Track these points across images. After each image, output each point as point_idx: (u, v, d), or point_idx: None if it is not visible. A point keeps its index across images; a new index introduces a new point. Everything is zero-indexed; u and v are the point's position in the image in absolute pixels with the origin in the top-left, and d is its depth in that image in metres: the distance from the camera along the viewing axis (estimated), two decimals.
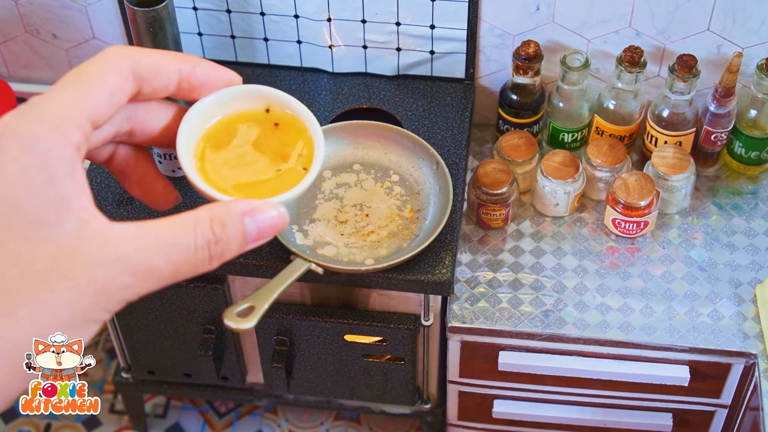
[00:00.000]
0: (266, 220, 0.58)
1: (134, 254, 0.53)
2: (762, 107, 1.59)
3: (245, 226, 0.57)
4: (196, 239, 0.55)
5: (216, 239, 0.56)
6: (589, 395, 1.64)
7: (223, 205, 0.57)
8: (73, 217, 0.52)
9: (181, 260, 0.55)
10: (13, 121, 0.52)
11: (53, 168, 0.52)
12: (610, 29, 1.62)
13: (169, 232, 0.55)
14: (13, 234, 0.51)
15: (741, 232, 1.63)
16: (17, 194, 0.51)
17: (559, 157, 1.60)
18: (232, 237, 0.56)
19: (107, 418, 2.12)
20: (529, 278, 1.58)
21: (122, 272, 0.53)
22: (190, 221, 0.55)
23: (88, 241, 0.52)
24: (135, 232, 0.54)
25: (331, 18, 1.65)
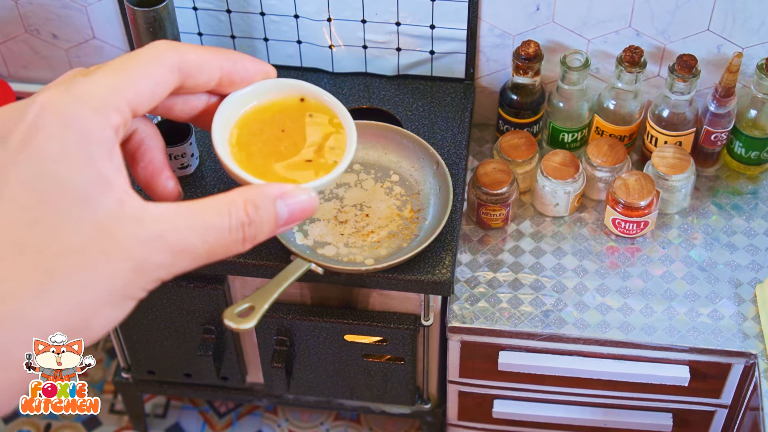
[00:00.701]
0: (297, 203, 0.59)
1: (171, 233, 0.54)
2: (762, 107, 1.59)
3: (277, 209, 0.58)
4: (230, 220, 0.56)
5: (249, 221, 0.57)
6: (589, 395, 1.64)
7: (256, 188, 0.59)
8: (111, 196, 0.53)
9: (216, 241, 0.56)
10: (55, 100, 0.53)
11: (93, 147, 0.53)
12: (610, 29, 1.62)
13: (204, 212, 0.56)
14: (52, 210, 0.51)
15: (741, 232, 1.63)
16: (57, 171, 0.52)
17: (559, 157, 1.60)
18: (265, 219, 0.58)
19: (107, 418, 2.12)
20: (529, 278, 1.58)
21: (159, 251, 0.54)
22: (224, 203, 0.57)
23: (126, 219, 0.53)
24: (171, 212, 0.55)
25: (331, 18, 1.65)
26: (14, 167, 0.52)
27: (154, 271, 0.54)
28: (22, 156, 0.52)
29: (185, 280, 1.58)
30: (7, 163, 0.52)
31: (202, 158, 1.62)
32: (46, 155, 0.52)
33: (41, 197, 0.51)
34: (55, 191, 0.52)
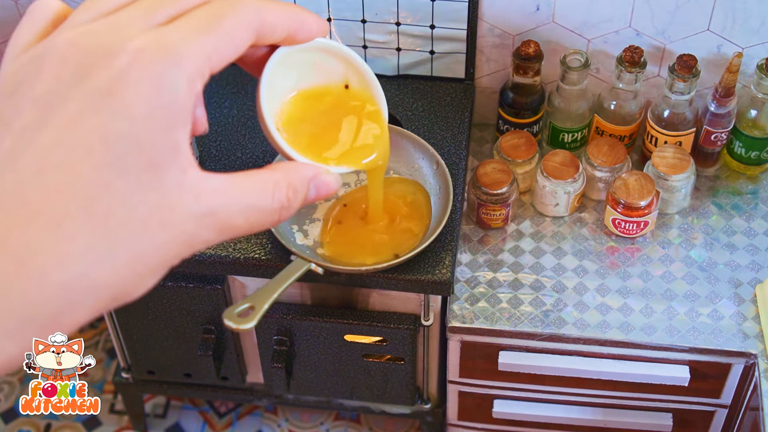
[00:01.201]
0: (323, 185, 0.61)
1: (222, 211, 0.54)
2: (762, 107, 1.59)
3: (309, 191, 0.60)
4: (273, 203, 0.57)
5: (288, 204, 0.58)
6: (589, 395, 1.64)
7: (297, 171, 0.60)
8: (178, 164, 0.52)
9: (257, 220, 0.56)
10: (149, 54, 0.52)
11: (176, 115, 0.52)
12: (610, 29, 1.62)
13: (254, 192, 0.56)
14: (126, 174, 0.50)
15: (741, 232, 1.63)
16: (139, 135, 0.51)
17: (559, 157, 1.60)
18: (299, 201, 0.59)
19: (107, 418, 2.12)
20: (529, 278, 1.58)
21: (208, 227, 0.54)
22: (270, 183, 0.57)
23: (187, 191, 0.53)
24: (225, 188, 0.55)
25: (331, 18, 1.65)
26: (95, 115, 0.50)
27: (198, 245, 0.54)
28: (105, 106, 0.50)
29: (185, 280, 1.58)
30: (87, 107, 0.50)
31: (202, 158, 1.62)
32: (132, 115, 0.50)
33: (118, 159, 0.50)
34: (132, 155, 0.50)
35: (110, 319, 1.70)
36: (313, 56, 0.69)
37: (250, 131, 1.66)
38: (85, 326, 2.25)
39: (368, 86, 0.73)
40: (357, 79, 0.72)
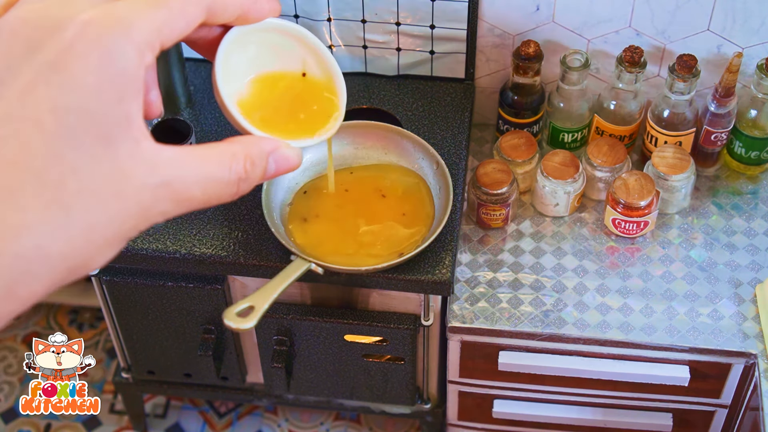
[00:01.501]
0: (283, 159, 0.62)
1: (177, 182, 0.54)
2: (762, 107, 1.59)
3: (267, 164, 0.60)
4: (230, 174, 0.57)
5: (246, 176, 0.58)
6: (589, 395, 1.64)
7: (255, 144, 0.60)
8: (131, 136, 0.53)
9: (215, 192, 0.57)
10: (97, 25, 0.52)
11: (126, 87, 0.52)
12: (610, 29, 1.62)
13: (210, 163, 0.56)
14: (77, 145, 0.51)
15: (741, 232, 1.63)
16: (89, 107, 0.51)
17: (559, 157, 1.60)
18: (257, 174, 0.59)
19: (107, 418, 2.12)
20: (529, 278, 1.58)
21: (164, 198, 0.54)
22: (227, 155, 0.58)
23: (141, 162, 0.53)
24: (181, 159, 0.55)
25: (331, 18, 1.65)
26: (45, 88, 0.51)
27: (155, 216, 0.54)
28: (55, 78, 0.51)
29: (185, 280, 1.58)
30: (36, 79, 0.51)
31: None
32: (81, 86, 0.51)
33: (68, 130, 0.50)
34: (83, 127, 0.51)
35: (110, 319, 1.70)
36: (272, 37, 0.69)
37: None
38: (85, 326, 2.25)
39: (329, 74, 0.73)
40: (317, 65, 0.72)
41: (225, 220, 1.54)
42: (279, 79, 0.71)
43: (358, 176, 1.56)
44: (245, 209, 1.56)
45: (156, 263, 1.53)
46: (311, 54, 0.71)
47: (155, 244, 1.52)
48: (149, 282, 1.59)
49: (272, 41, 0.70)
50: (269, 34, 0.69)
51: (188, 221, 1.54)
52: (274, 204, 1.52)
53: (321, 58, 0.72)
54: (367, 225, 1.50)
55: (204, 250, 1.51)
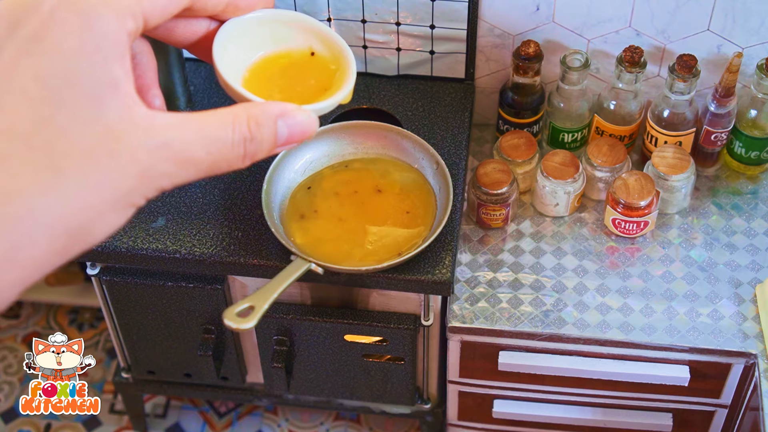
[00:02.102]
0: (297, 124, 0.60)
1: (177, 142, 0.54)
2: (762, 107, 1.59)
3: (278, 128, 0.59)
4: (234, 134, 0.56)
5: (251, 137, 0.57)
6: (589, 395, 1.64)
7: (259, 106, 0.59)
8: (120, 100, 0.53)
9: (220, 153, 0.56)
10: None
11: (108, 49, 0.53)
12: (610, 29, 1.62)
13: (210, 124, 0.56)
14: (64, 108, 0.51)
15: (741, 232, 1.63)
16: (72, 69, 0.51)
17: (559, 157, 1.60)
18: (266, 137, 0.58)
19: (107, 418, 2.12)
20: (529, 278, 1.58)
21: (165, 159, 0.54)
22: (229, 116, 0.57)
23: (134, 125, 0.53)
24: (178, 122, 0.55)
25: (331, 18, 1.65)
26: (28, 58, 0.51)
27: (158, 179, 0.54)
28: (36, 48, 0.51)
29: (185, 280, 1.58)
30: (18, 53, 0.51)
31: None
32: (63, 51, 0.51)
33: (53, 94, 0.51)
34: (67, 89, 0.51)
35: (110, 319, 1.70)
36: (270, 28, 0.69)
37: None
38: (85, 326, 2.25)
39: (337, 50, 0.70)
40: (323, 46, 0.71)
41: (225, 220, 1.54)
42: (284, 57, 0.70)
43: (358, 174, 1.56)
44: (245, 209, 1.56)
45: (156, 263, 1.53)
46: (315, 36, 0.70)
47: (155, 244, 1.52)
48: (149, 282, 1.59)
49: (271, 31, 0.69)
50: (267, 25, 0.68)
51: (188, 221, 1.54)
52: (274, 204, 1.52)
53: (326, 38, 0.70)
54: (368, 225, 1.50)
55: (204, 250, 1.51)
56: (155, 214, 1.56)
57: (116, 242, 1.52)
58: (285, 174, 1.55)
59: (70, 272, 2.16)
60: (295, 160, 1.57)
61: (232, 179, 1.60)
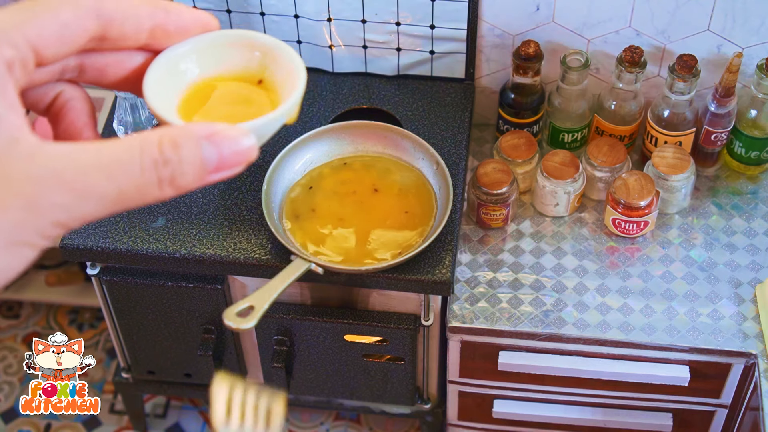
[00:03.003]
0: (230, 146, 0.52)
1: (70, 170, 0.49)
2: (762, 107, 1.59)
3: (203, 151, 0.51)
4: (142, 158, 0.50)
5: (164, 159, 0.50)
6: (589, 395, 1.64)
7: (178, 127, 0.52)
8: (1, 133, 0.49)
9: (126, 180, 0.50)
10: None
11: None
12: (610, 29, 1.62)
13: (112, 149, 0.50)
14: None
15: (741, 232, 1.63)
16: None
17: (559, 157, 1.60)
18: (186, 159, 0.51)
19: (107, 418, 2.12)
20: (529, 278, 1.58)
21: (55, 189, 0.48)
22: (136, 140, 0.51)
23: (18, 156, 0.48)
24: (72, 150, 0.50)
25: (331, 18, 1.65)
26: None
27: (50, 211, 0.49)
28: None
29: (185, 280, 1.58)
30: None
31: None
32: None
33: None
34: None
35: (110, 319, 1.70)
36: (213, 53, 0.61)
37: None
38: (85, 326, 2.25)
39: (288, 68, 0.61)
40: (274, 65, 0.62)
41: (225, 220, 1.54)
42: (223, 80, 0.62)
43: (358, 174, 1.56)
44: (245, 209, 1.56)
45: (156, 263, 1.53)
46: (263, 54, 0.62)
47: (155, 244, 1.52)
48: (149, 282, 1.59)
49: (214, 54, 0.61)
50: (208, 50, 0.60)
51: (188, 221, 1.54)
52: (274, 204, 1.52)
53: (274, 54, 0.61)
54: (368, 225, 1.50)
55: (204, 250, 1.51)
56: (155, 214, 1.56)
57: (116, 242, 1.52)
58: (285, 174, 1.55)
59: (70, 272, 2.17)
60: (295, 160, 1.57)
61: (232, 179, 1.60)
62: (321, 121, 1.66)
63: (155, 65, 0.58)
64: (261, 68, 0.61)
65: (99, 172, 0.49)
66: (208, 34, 0.59)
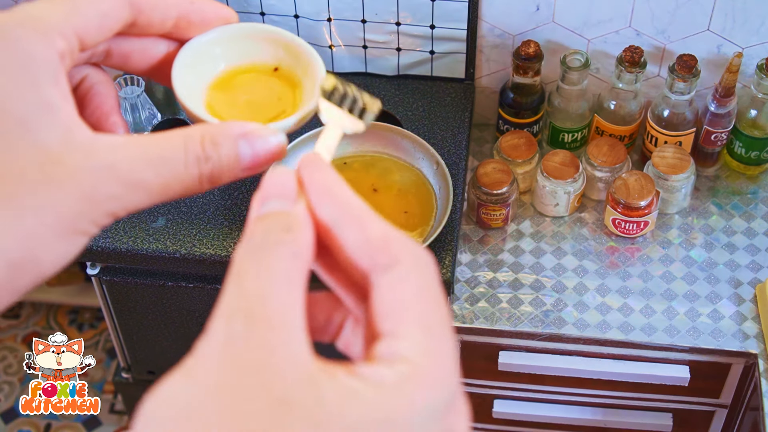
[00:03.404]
0: (262, 144, 0.55)
1: (122, 164, 0.50)
2: (762, 107, 1.59)
3: (239, 148, 0.54)
4: (186, 154, 0.52)
5: (206, 156, 0.53)
6: (589, 395, 1.64)
7: (217, 126, 0.55)
8: (57, 123, 0.50)
9: (171, 175, 0.52)
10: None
11: (37, 71, 0.50)
12: (610, 29, 1.62)
13: (158, 145, 0.52)
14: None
15: (741, 232, 1.63)
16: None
17: (559, 157, 1.60)
18: (224, 157, 0.54)
19: (107, 418, 2.12)
20: (529, 278, 1.58)
21: (110, 181, 0.50)
22: (180, 136, 0.53)
23: (74, 148, 0.50)
24: (123, 143, 0.51)
25: (331, 18, 1.65)
26: None
27: (105, 202, 0.50)
28: None
29: (185, 280, 1.58)
30: None
31: None
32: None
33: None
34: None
35: (110, 319, 1.70)
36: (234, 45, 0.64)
37: None
38: (85, 326, 2.25)
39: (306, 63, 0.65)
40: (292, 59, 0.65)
41: (225, 220, 1.54)
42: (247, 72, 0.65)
43: (358, 173, 1.56)
44: (245, 209, 1.56)
45: (156, 263, 1.53)
46: (283, 48, 0.65)
47: (155, 244, 1.52)
48: (149, 282, 1.59)
49: (234, 47, 0.64)
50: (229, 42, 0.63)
51: (188, 221, 1.54)
52: None
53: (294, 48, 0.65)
54: None
55: (204, 250, 1.51)
56: (155, 214, 1.56)
57: (116, 242, 1.52)
58: None
59: (70, 272, 2.16)
60: (295, 160, 1.56)
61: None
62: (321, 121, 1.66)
63: (181, 57, 0.61)
64: (280, 61, 0.65)
65: (148, 167, 0.51)
66: (231, 25, 0.62)
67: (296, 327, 0.46)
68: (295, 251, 0.48)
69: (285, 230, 0.49)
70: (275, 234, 0.49)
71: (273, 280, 0.47)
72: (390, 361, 0.46)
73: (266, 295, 0.46)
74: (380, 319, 0.48)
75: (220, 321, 0.45)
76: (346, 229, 0.50)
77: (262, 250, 0.48)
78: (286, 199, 0.51)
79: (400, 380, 0.45)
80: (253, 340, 0.44)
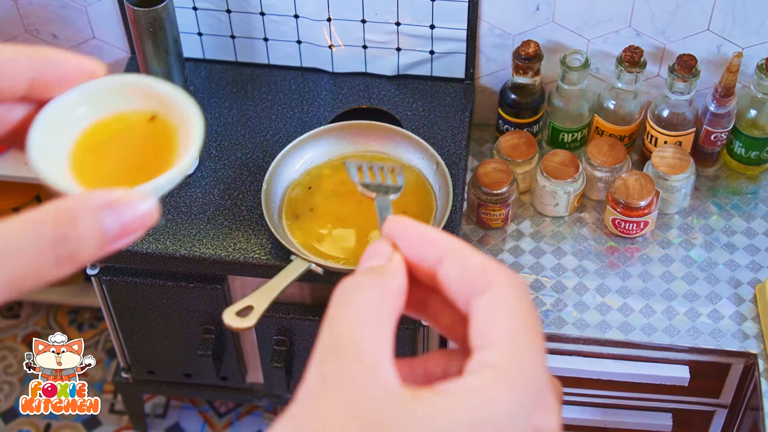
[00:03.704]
0: (131, 212, 0.49)
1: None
2: (762, 107, 1.59)
3: (102, 222, 0.48)
4: (37, 240, 0.46)
5: (62, 236, 0.47)
6: (589, 395, 1.64)
7: (75, 198, 0.48)
8: None
9: (25, 264, 0.46)
10: None
11: None
12: (610, 29, 1.62)
13: (3, 233, 0.46)
14: None
15: (741, 232, 1.63)
16: None
17: (559, 157, 1.60)
18: (86, 234, 0.47)
19: (107, 418, 2.12)
20: (528, 278, 1.58)
21: None
22: (29, 221, 0.47)
23: None
24: None
25: (331, 18, 1.65)
26: None
27: None
28: None
29: (185, 280, 1.58)
30: None
31: (202, 159, 1.62)
32: None
33: None
34: None
35: (110, 319, 1.70)
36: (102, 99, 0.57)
37: (250, 131, 1.66)
38: (85, 326, 2.25)
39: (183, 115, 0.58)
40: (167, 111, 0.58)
41: (225, 220, 1.54)
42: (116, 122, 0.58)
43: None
44: (245, 209, 1.56)
45: (156, 263, 1.53)
46: (157, 100, 0.58)
47: (155, 244, 1.52)
48: (149, 282, 1.59)
49: (103, 101, 0.57)
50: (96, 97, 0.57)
51: (188, 221, 1.54)
52: (274, 204, 1.52)
53: (168, 100, 0.58)
54: (367, 224, 1.50)
55: (204, 250, 1.51)
56: None
57: None
58: (285, 174, 1.55)
59: None
60: (295, 161, 1.57)
61: (232, 179, 1.60)
62: (321, 121, 1.66)
63: (38, 122, 0.54)
64: (155, 110, 0.58)
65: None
66: (95, 80, 0.56)
67: (384, 359, 0.47)
68: (382, 293, 0.49)
69: (375, 277, 0.50)
70: (366, 281, 0.50)
71: (361, 320, 0.48)
72: (478, 371, 0.47)
73: (355, 334, 0.47)
74: (474, 336, 0.49)
75: (314, 365, 0.47)
76: (449, 266, 0.51)
77: (352, 296, 0.49)
78: (380, 258, 0.52)
79: (485, 383, 0.46)
80: (345, 376, 0.46)
